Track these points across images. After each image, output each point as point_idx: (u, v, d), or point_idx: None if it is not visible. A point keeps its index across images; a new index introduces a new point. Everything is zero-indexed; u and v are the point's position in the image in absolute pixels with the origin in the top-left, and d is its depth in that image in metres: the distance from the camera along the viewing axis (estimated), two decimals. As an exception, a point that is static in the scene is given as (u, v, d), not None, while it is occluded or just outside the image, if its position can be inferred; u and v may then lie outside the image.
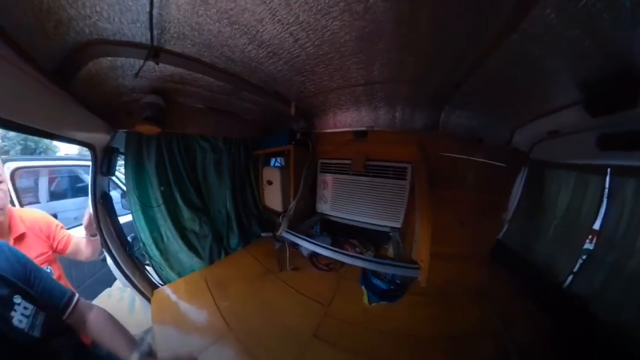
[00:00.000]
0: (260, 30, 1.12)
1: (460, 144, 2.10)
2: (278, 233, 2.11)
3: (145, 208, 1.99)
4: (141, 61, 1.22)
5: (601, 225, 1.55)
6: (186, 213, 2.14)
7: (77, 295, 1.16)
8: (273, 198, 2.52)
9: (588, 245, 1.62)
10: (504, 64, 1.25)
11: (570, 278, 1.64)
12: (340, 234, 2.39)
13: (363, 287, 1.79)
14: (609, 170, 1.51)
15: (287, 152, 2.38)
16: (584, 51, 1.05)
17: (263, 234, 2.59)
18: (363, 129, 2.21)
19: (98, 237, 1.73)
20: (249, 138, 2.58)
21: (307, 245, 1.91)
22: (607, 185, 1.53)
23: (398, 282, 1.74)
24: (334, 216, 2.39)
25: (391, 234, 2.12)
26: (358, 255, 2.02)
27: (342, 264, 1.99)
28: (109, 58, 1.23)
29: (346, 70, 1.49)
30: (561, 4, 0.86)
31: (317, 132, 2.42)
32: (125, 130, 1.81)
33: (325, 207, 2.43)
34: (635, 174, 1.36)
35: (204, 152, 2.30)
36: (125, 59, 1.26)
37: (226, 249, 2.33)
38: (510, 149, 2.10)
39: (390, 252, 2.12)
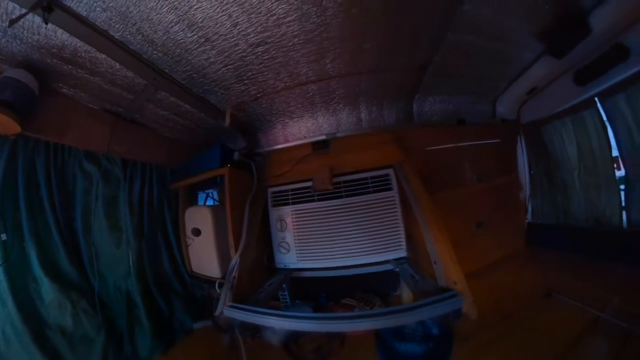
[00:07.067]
0: (194, 6, 1.00)
1: (444, 132, 1.91)
2: (217, 313, 1.39)
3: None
4: (23, 10, 0.93)
5: (619, 148, 1.62)
6: (49, 291, 1.34)
7: None
8: (204, 257, 1.75)
9: (620, 174, 1.67)
10: (463, 34, 1.29)
11: (624, 215, 1.63)
12: (323, 295, 1.76)
13: (389, 364, 1.30)
14: (596, 99, 1.65)
15: (220, 180, 1.76)
16: (531, 2, 1.19)
17: (197, 325, 1.73)
18: (323, 137, 1.86)
19: None
20: (167, 165, 1.90)
21: (273, 323, 1.26)
22: (602, 112, 1.66)
23: (436, 332, 1.30)
24: (305, 269, 1.74)
25: (397, 269, 1.59)
26: (363, 313, 1.42)
27: (342, 340, 1.41)
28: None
29: (294, 65, 1.35)
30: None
31: (263, 152, 1.94)
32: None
33: (288, 258, 1.76)
34: (620, 88, 1.50)
35: (89, 180, 1.57)
36: (1, -1, 0.94)
37: (130, 359, 1.50)
38: (498, 122, 2.05)
39: (406, 295, 1.63)
